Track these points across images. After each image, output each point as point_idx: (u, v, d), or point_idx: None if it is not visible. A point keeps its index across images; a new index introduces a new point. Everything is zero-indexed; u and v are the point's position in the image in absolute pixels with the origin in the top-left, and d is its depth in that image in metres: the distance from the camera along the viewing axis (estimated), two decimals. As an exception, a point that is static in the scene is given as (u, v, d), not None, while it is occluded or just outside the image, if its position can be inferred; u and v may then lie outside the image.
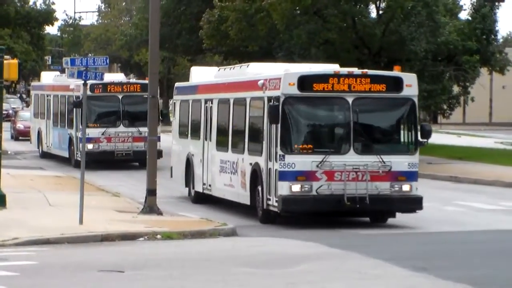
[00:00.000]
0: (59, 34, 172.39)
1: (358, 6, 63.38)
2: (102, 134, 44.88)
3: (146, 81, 49.38)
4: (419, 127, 26.49)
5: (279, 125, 25.42)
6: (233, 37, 65.33)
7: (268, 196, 26.39)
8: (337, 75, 26.27)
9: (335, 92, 25.95)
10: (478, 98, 69.20)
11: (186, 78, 45.71)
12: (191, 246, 25.11)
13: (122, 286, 18.03)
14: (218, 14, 67.12)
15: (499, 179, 46.92)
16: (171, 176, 36.80)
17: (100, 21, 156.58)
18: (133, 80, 52.90)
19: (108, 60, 32.75)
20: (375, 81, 26.35)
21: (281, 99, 25.36)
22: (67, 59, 33.67)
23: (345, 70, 27.81)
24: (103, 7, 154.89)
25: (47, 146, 53.26)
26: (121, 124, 44.09)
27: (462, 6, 66.57)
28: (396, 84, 26.56)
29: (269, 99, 26.07)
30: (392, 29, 59.89)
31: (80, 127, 45.09)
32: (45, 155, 51.99)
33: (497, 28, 67.89)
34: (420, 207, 27.27)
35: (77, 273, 19.42)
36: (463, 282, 17.78)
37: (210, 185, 31.94)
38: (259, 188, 26.98)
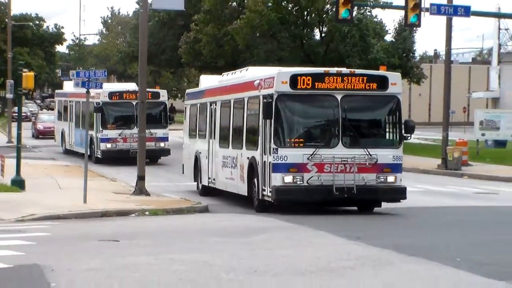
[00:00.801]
0: (67, 52, 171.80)
1: (305, 30, 63.83)
2: (119, 135, 44.10)
3: (155, 90, 49.52)
4: (403, 123, 25.05)
5: (272, 121, 23.96)
6: (205, 54, 65.89)
7: (263, 187, 24.74)
8: (326, 74, 24.79)
9: (325, 90, 24.37)
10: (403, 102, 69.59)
11: (169, 87, 45.50)
12: (172, 220, 25.07)
13: (118, 252, 17.97)
14: (194, 36, 67.68)
15: (415, 167, 47.01)
16: (183, 172, 35.52)
17: (101, 41, 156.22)
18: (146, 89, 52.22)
19: (106, 73, 33.21)
20: (362, 80, 24.78)
21: (274, 96, 23.92)
22: (73, 72, 33.83)
23: (334, 69, 26.14)
24: (103, 30, 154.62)
25: (70, 144, 52.51)
26: (135, 127, 43.44)
27: (387, 30, 66.96)
28: (381, 82, 24.91)
29: (264, 97, 24.50)
30: (332, 48, 60.89)
31: (100, 128, 45.60)
32: (68, 152, 51.35)
33: (414, 48, 70.37)
34: (404, 197, 25.31)
35: (82, 242, 19.45)
36: (389, 248, 17.84)
37: (214, 179, 30.52)
38: (255, 180, 25.36)
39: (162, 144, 46.22)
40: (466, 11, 41.96)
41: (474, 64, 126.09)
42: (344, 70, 25.95)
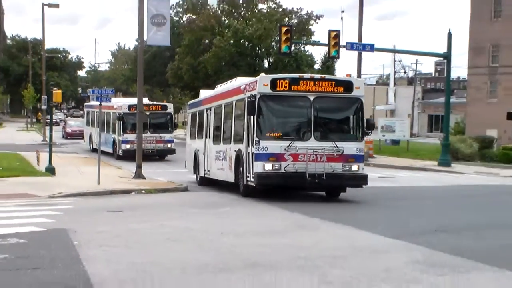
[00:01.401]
0: (85, 75, 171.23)
1: (257, 60, 64.06)
2: (135, 138, 42.77)
3: (164, 103, 49.05)
4: (365, 121, 22.95)
5: (255, 117, 22.07)
6: (185, 78, 65.85)
7: (247, 174, 22.84)
8: (301, 79, 22.71)
9: (299, 92, 22.27)
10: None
11: (160, 100, 45.22)
12: (161, 197, 24.95)
13: (122, 220, 17.93)
14: (177, 65, 67.90)
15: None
16: (185, 167, 33.71)
17: (110, 67, 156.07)
18: (156, 102, 51.46)
19: (113, 91, 33.22)
20: (331, 84, 22.64)
21: (257, 97, 21.97)
22: (90, 90, 33.64)
23: (308, 75, 24.24)
24: (112, 59, 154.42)
25: (96, 144, 50.82)
26: (148, 131, 42.72)
27: (316, 61, 67.22)
28: (347, 86, 22.72)
29: (248, 97, 22.58)
30: (278, 73, 60.65)
31: (121, 132, 44.66)
32: (94, 150, 49.43)
33: (335, 74, 69.33)
34: (366, 183, 22.83)
35: (96, 213, 19.36)
36: (349, 224, 17.47)
37: (209, 170, 28.76)
38: (241, 169, 23.49)
39: (168, 145, 44.83)
40: (371, 48, 42.23)
41: (377, 86, 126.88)
42: (316, 75, 24.01)
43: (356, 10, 47.48)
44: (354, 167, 22.41)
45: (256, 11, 69.19)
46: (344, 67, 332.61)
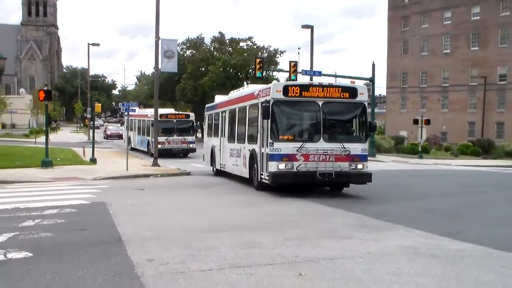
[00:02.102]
0: (118, 93, 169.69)
1: (239, 82, 63.85)
2: (166, 139, 39.96)
3: (187, 113, 46.08)
4: (368, 123, 18.64)
5: (269, 121, 17.93)
6: (189, 95, 65.48)
7: (261, 172, 18.85)
8: (311, 85, 18.49)
9: (309, 97, 17.98)
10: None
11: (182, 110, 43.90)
12: (171, 179, 24.68)
13: (144, 195, 17.77)
14: (182, 86, 67.42)
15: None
16: (203, 160, 29.59)
17: (135, 88, 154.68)
18: (181, 112, 49.03)
19: (137, 104, 32.86)
20: (338, 90, 18.42)
21: (271, 102, 17.84)
22: (120, 103, 33.35)
23: (316, 82, 19.22)
24: (137, 82, 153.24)
25: (134, 145, 47.78)
26: (175, 135, 40.54)
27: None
28: (353, 92, 18.38)
29: (262, 103, 18.52)
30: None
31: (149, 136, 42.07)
32: (133, 149, 46.07)
33: None
34: (370, 180, 18.44)
35: (125, 191, 19.16)
36: (331, 206, 17.53)
37: (224, 165, 24.34)
38: (255, 166, 19.49)
39: (191, 145, 41.69)
40: (319, 73, 42.19)
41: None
42: (324, 82, 19.11)
43: (309, 47, 47.53)
44: (360, 166, 18.28)
45: (238, 47, 69.31)
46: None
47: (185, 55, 73.25)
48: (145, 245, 9.78)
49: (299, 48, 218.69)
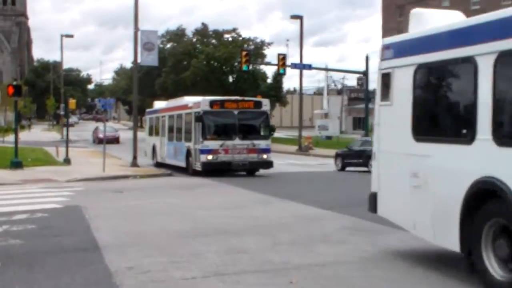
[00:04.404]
0: (93, 88, 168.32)
1: (223, 76, 63.99)
2: (221, 146, 37.32)
3: (258, 99, 32.59)
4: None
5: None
6: (170, 90, 65.29)
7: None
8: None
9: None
10: (277, 115, 69.82)
11: (150, 106, 43.50)
12: (152, 181, 24.68)
13: (122, 198, 17.77)
14: (163, 80, 67.34)
15: (283, 151, 47.15)
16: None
17: (113, 82, 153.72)
18: (247, 98, 45.81)
19: (114, 100, 32.80)
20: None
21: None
22: (97, 99, 33.39)
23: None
24: (114, 76, 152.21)
25: (162, 157, 39.21)
26: (237, 138, 37.53)
27: (268, 76, 66.67)
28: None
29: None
30: (239, 86, 60.64)
31: (200, 138, 38.37)
32: (160, 165, 43.53)
33: (283, 86, 70.17)
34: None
35: (102, 193, 19.11)
36: (269, 194, 17.63)
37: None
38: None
39: (264, 156, 32.57)
40: (310, 67, 42.48)
41: (315, 95, 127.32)
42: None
43: (298, 39, 47.47)
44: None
45: (222, 39, 69.17)
46: (290, 81, 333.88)
47: (166, 48, 73.05)
48: (124, 251, 9.70)
49: (287, 40, 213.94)
